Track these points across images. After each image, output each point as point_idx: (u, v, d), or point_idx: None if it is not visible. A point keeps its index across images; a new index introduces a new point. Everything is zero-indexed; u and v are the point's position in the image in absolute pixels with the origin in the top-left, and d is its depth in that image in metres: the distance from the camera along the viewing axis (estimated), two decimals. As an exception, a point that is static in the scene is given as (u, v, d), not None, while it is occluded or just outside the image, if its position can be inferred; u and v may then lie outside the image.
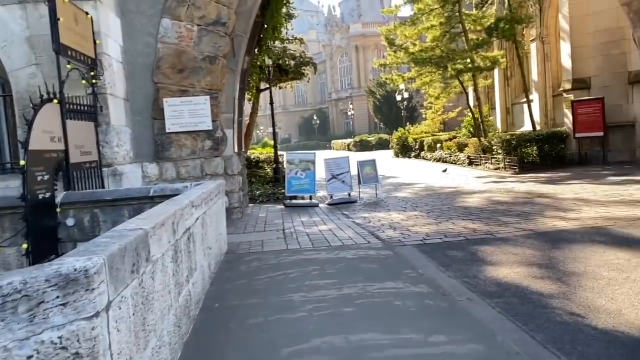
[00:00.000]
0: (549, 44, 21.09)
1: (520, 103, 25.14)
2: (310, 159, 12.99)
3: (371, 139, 52.07)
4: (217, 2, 9.63)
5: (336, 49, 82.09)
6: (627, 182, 12.07)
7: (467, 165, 21.45)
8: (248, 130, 29.14)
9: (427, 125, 34.32)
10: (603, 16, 16.93)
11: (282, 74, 23.38)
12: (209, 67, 9.69)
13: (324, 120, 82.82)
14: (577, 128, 17.34)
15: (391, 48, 23.42)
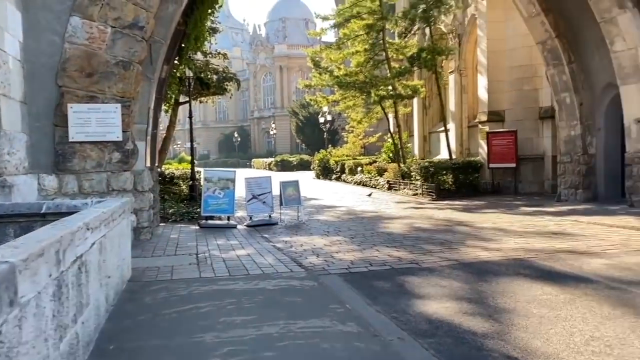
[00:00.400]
0: (467, 76, 21.92)
1: (437, 132, 25.90)
2: (229, 177, 12.33)
3: (293, 160, 51.88)
4: (135, 4, 8.87)
5: (260, 67, 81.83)
6: (539, 213, 12.48)
7: (387, 190, 21.62)
8: (164, 144, 27.86)
9: (349, 148, 34.61)
10: (517, 53, 17.80)
11: (203, 88, 22.56)
12: (122, 73, 8.87)
13: (245, 138, 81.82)
14: (492, 159, 17.97)
15: (317, 70, 23.35)
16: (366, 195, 19.44)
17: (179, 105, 26.78)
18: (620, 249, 7.78)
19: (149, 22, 9.00)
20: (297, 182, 12.74)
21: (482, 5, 18.38)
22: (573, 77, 13.64)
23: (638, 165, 11.71)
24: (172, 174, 17.88)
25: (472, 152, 21.68)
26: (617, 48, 11.60)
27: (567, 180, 14.25)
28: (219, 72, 26.16)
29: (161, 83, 11.54)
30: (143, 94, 9.47)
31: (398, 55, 23.70)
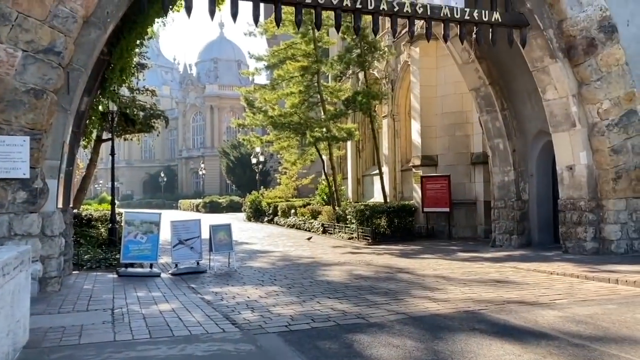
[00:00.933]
0: (399, 121, 22.14)
1: (371, 175, 25.90)
2: (154, 220, 11.28)
3: (222, 201, 50.48)
4: (51, 27, 7.96)
5: (190, 107, 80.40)
6: (477, 259, 12.30)
7: (322, 233, 21.06)
8: (83, 183, 25.98)
9: (282, 190, 33.99)
10: (449, 100, 18.14)
11: (128, 124, 21.36)
12: (33, 102, 7.84)
13: (172, 179, 79.23)
14: (426, 203, 17.93)
15: (250, 110, 22.83)
16: (305, 239, 18.72)
17: (101, 142, 25.25)
18: (567, 298, 7.54)
19: (67, 48, 8.09)
20: (229, 226, 11.87)
21: (415, 52, 18.73)
22: (506, 124, 13.90)
23: (571, 211, 11.86)
24: (90, 216, 16.38)
25: (406, 196, 21.68)
26: (548, 97, 11.89)
27: (501, 226, 14.30)
28: (146, 108, 25.02)
29: (80, 116, 10.48)
30: (57, 126, 8.42)
31: (332, 98, 23.72)
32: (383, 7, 10.40)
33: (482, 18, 11.12)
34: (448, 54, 17.99)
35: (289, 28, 22.98)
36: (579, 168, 11.74)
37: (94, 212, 18.00)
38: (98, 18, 8.56)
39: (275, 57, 23.96)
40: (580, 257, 11.39)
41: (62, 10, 8.03)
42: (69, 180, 10.20)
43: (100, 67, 10.61)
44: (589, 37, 11.12)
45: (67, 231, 10.40)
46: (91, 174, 26.82)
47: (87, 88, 10.38)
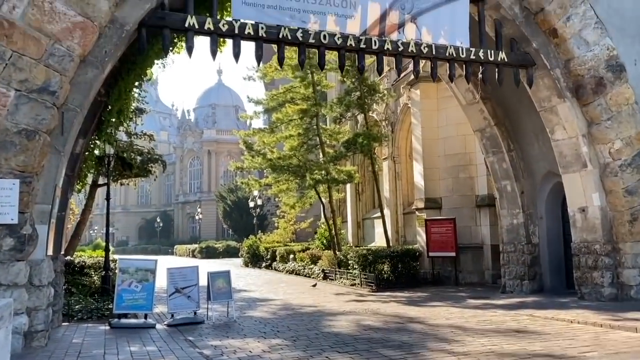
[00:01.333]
0: (400, 163, 21.85)
1: (371, 218, 25.42)
2: (149, 267, 10.70)
3: (218, 246, 49.61)
4: (47, 66, 7.65)
5: (187, 151, 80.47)
6: (489, 307, 11.69)
7: (322, 280, 20.34)
8: (77, 229, 25.36)
9: (279, 234, 33.34)
10: (452, 142, 17.89)
11: (125, 169, 20.99)
12: (25, 144, 7.44)
13: (168, 224, 78.37)
14: (431, 247, 17.38)
15: (249, 152, 22.54)
16: (310, 286, 17.94)
17: (97, 187, 24.80)
18: (597, 350, 6.97)
19: (62, 87, 7.76)
20: (227, 273, 11.28)
21: (416, 95, 18.62)
22: (513, 165, 13.56)
23: (585, 255, 11.36)
24: (83, 263, 15.74)
25: (409, 240, 21.14)
26: (557, 137, 11.60)
27: (511, 271, 13.75)
28: (144, 153, 24.74)
29: (74, 159, 10.07)
30: (49, 169, 8.00)
31: (331, 140, 23.53)
32: (387, 47, 10.21)
33: (487, 58, 10.94)
34: (449, 95, 17.89)
35: (288, 72, 23.06)
36: (592, 210, 11.32)
37: (87, 259, 17.35)
38: (96, 57, 8.28)
39: (274, 101, 23.89)
40: (598, 304, 10.81)
41: (59, 49, 7.74)
42: (61, 226, 9.69)
43: (97, 109, 10.30)
44: (597, 76, 10.92)
45: (57, 280, 9.81)
46: (86, 220, 26.25)
47: (83, 130, 10.02)
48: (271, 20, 9.47)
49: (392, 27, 10.36)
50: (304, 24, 9.67)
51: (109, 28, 8.30)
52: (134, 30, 8.74)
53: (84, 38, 7.91)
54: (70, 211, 45.25)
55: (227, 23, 9.29)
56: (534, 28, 11.18)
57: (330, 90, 28.42)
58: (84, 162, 10.81)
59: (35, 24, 7.54)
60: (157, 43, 10.55)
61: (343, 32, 9.92)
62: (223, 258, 46.45)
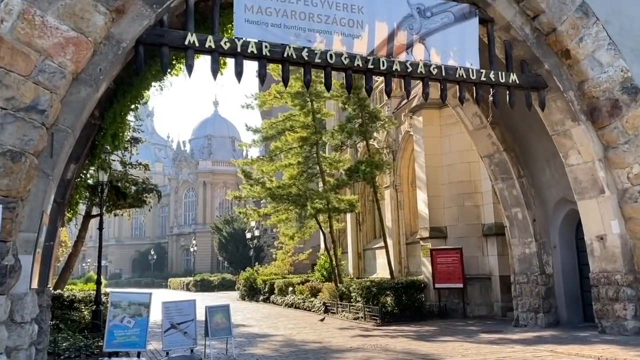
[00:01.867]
0: (402, 192, 21.31)
1: (373, 249, 24.74)
2: (143, 301, 9.96)
3: (213, 279, 48.47)
4: (36, 83, 7.14)
5: (182, 183, 79.83)
6: (504, 342, 10.99)
7: (323, 313, 19.51)
8: (69, 261, 24.48)
9: (277, 266, 32.44)
10: (456, 169, 17.41)
11: (119, 198, 20.36)
12: (10, 166, 6.85)
13: (162, 256, 77.07)
14: (437, 278, 16.69)
15: (247, 181, 21.98)
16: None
17: (90, 218, 24.09)
18: (638, 392, 6.29)
19: (52, 106, 7.23)
20: (227, 308, 10.56)
21: (418, 122, 18.23)
22: (524, 192, 13.04)
23: (605, 286, 10.74)
24: (73, 297, 14.93)
25: (412, 271, 20.43)
26: (572, 162, 11.12)
27: (524, 303, 13.07)
28: (139, 183, 24.18)
29: (65, 185, 9.48)
30: (36, 194, 7.39)
31: (331, 169, 23.04)
32: (396, 67, 9.79)
33: (499, 80, 10.54)
34: (453, 122, 17.52)
35: (287, 100, 22.75)
36: (611, 238, 10.74)
37: (77, 292, 16.54)
38: (90, 75, 7.78)
39: (273, 129, 23.49)
40: (622, 338, 10.14)
41: (49, 65, 7.24)
42: (49, 257, 9.01)
43: (91, 132, 9.76)
44: (613, 98, 10.51)
45: (42, 316, 9.09)
46: (78, 252, 25.42)
47: (75, 154, 9.46)
48: (275, 39, 9.06)
49: (400, 47, 9.98)
50: (310, 43, 9.26)
51: (104, 45, 7.83)
52: (131, 48, 8.28)
53: (77, 54, 7.43)
54: (63, 243, 44.17)
55: (229, 41, 8.86)
56: (545, 49, 10.83)
57: (328, 119, 28.16)
58: (75, 189, 10.21)
59: (24, 38, 7.06)
60: (155, 64, 10.11)
61: (350, 52, 9.51)
62: (218, 291, 45.34)
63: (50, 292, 9.90)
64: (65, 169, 9.17)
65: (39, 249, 7.76)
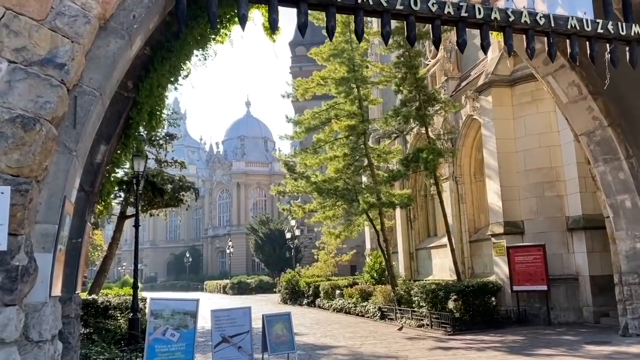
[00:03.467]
0: (463, 184, 19.23)
1: (427, 248, 22.69)
2: (189, 310, 8.25)
3: (251, 281, 47.00)
4: (53, 30, 5.47)
5: (216, 184, 78.88)
6: (622, 356, 8.89)
7: (379, 319, 17.59)
8: (104, 264, 23.23)
9: (319, 267, 30.65)
10: (533, 155, 15.25)
11: (155, 195, 18.93)
12: (20, 136, 5.19)
13: (197, 259, 76.30)
14: (515, 279, 14.58)
15: (291, 175, 20.25)
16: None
17: (125, 219, 22.83)
18: None
19: (74, 59, 5.54)
20: (288, 317, 8.77)
21: (487, 102, 16.13)
22: (634, 175, 10.84)
23: None
24: (108, 303, 13.41)
25: (477, 272, 18.33)
26: None
27: (636, 308, 10.88)
28: (175, 180, 22.82)
29: (95, 171, 7.85)
30: (56, 174, 5.73)
31: (379, 161, 21.15)
32: (495, 16, 7.82)
33: (618, 32, 8.43)
34: (528, 101, 15.47)
35: (331, 86, 20.99)
36: None
37: (112, 298, 14.98)
38: (121, 23, 6.09)
39: (317, 119, 21.75)
40: None
41: (70, 7, 5.57)
42: (76, 256, 7.38)
43: (123, 107, 8.11)
44: None
45: (71, 328, 7.50)
46: (113, 254, 24.21)
47: (105, 133, 7.84)
48: (348, -18, 7.21)
49: (499, -8, 8.04)
50: (389, -13, 7.38)
51: (138, -17, 6.15)
52: (171, -7, 6.57)
53: (105, -8, 5.75)
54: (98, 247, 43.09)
55: (292, -15, 7.06)
56: (675, -6, 8.70)
57: (372, 109, 26.28)
58: (106, 177, 8.57)
59: (37, -31, 5.41)
60: (198, 26, 8.47)
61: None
62: (256, 294, 43.85)
63: (80, 300, 8.27)
64: (94, 149, 7.55)
65: (62, 245, 6.10)
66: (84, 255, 7.81)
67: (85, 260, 7.93)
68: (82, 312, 11.66)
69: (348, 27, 21.06)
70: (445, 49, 20.34)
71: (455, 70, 20.19)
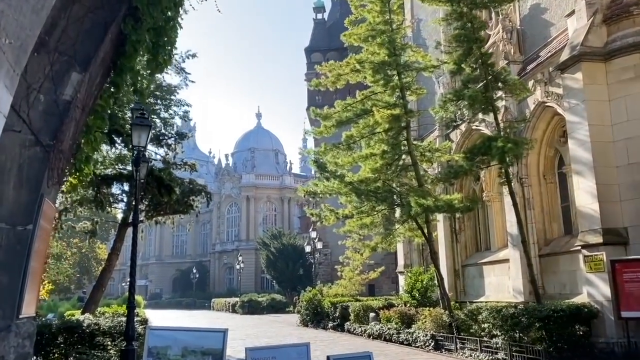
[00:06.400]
0: (531, 186, 15.98)
1: (477, 264, 19.38)
2: (210, 347, 5.05)
3: (262, 300, 43.55)
4: None
5: (225, 197, 75.78)
6: None
7: (434, 350, 14.28)
8: (101, 277, 20.54)
9: (343, 286, 27.26)
10: (638, 145, 12.06)
11: (162, 194, 15.88)
12: None
13: (204, 275, 72.93)
14: (624, 303, 11.25)
15: (322, 174, 17.15)
16: None
17: (127, 227, 20.02)
18: None
19: None
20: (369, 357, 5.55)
21: (574, 81, 12.97)
22: None
23: None
24: (97, 326, 10.19)
25: (550, 293, 14.96)
26: None
27: None
28: (184, 183, 19.87)
29: (60, 111, 4.74)
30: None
31: (422, 160, 18.07)
32: None
33: None
34: (630, 77, 12.31)
35: (367, 73, 18.04)
36: None
37: (104, 319, 11.72)
38: None
39: (349, 111, 18.72)
40: None
41: None
42: (20, 256, 4.24)
43: (112, 15, 5.02)
44: None
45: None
46: (112, 266, 21.14)
47: (81, 53, 4.79)
48: None
49: None
50: None
51: None
52: None
53: None
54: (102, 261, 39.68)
55: None
56: None
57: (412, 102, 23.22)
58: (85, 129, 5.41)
59: None
60: None
61: None
62: (268, 313, 40.48)
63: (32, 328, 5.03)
64: (59, 76, 4.49)
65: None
66: (38, 254, 4.67)
67: (42, 264, 4.76)
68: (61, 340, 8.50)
69: (387, 5, 18.20)
70: (504, 29, 17.30)
71: (517, 53, 17.10)
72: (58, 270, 36.66)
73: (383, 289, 37.92)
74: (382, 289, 38.09)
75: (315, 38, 53.83)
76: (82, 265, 52.61)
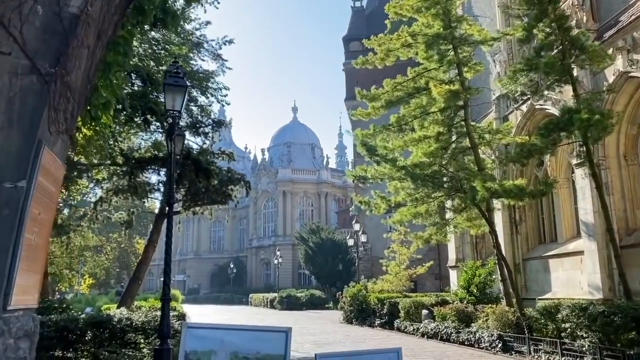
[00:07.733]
0: (609, 169, 14.20)
1: (542, 258, 17.63)
2: (272, 353, 3.74)
3: (301, 295, 42.42)
4: None
5: (262, 193, 75.02)
6: None
7: (502, 352, 12.70)
8: (138, 271, 19.78)
9: (389, 281, 25.75)
10: None
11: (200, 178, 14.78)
12: None
13: (241, 270, 72.46)
14: None
15: (372, 158, 15.71)
16: None
17: (164, 218, 19.03)
18: None
19: None
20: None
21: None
22: None
23: None
24: (128, 322, 9.07)
25: (633, 289, 13.14)
26: None
27: None
28: (222, 172, 18.81)
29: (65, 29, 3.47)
30: None
31: (481, 143, 16.41)
32: None
33: None
34: None
35: (420, 48, 16.52)
36: None
37: (138, 314, 10.59)
38: None
39: (400, 90, 17.21)
40: None
41: None
42: (9, 223, 3.01)
43: None
44: None
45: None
46: (149, 259, 20.27)
47: None
48: None
49: None
50: None
51: None
52: None
53: None
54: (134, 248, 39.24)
55: None
56: None
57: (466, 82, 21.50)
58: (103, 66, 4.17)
59: None
60: None
61: None
62: (307, 310, 39.36)
63: (32, 323, 3.78)
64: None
65: None
66: (38, 224, 3.43)
67: (44, 239, 3.52)
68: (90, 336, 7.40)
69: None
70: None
71: (589, 21, 15.26)
72: (95, 263, 36.38)
73: (426, 286, 36.23)
74: (425, 286, 36.37)
75: (353, 26, 52.28)
76: (121, 260, 52.74)
